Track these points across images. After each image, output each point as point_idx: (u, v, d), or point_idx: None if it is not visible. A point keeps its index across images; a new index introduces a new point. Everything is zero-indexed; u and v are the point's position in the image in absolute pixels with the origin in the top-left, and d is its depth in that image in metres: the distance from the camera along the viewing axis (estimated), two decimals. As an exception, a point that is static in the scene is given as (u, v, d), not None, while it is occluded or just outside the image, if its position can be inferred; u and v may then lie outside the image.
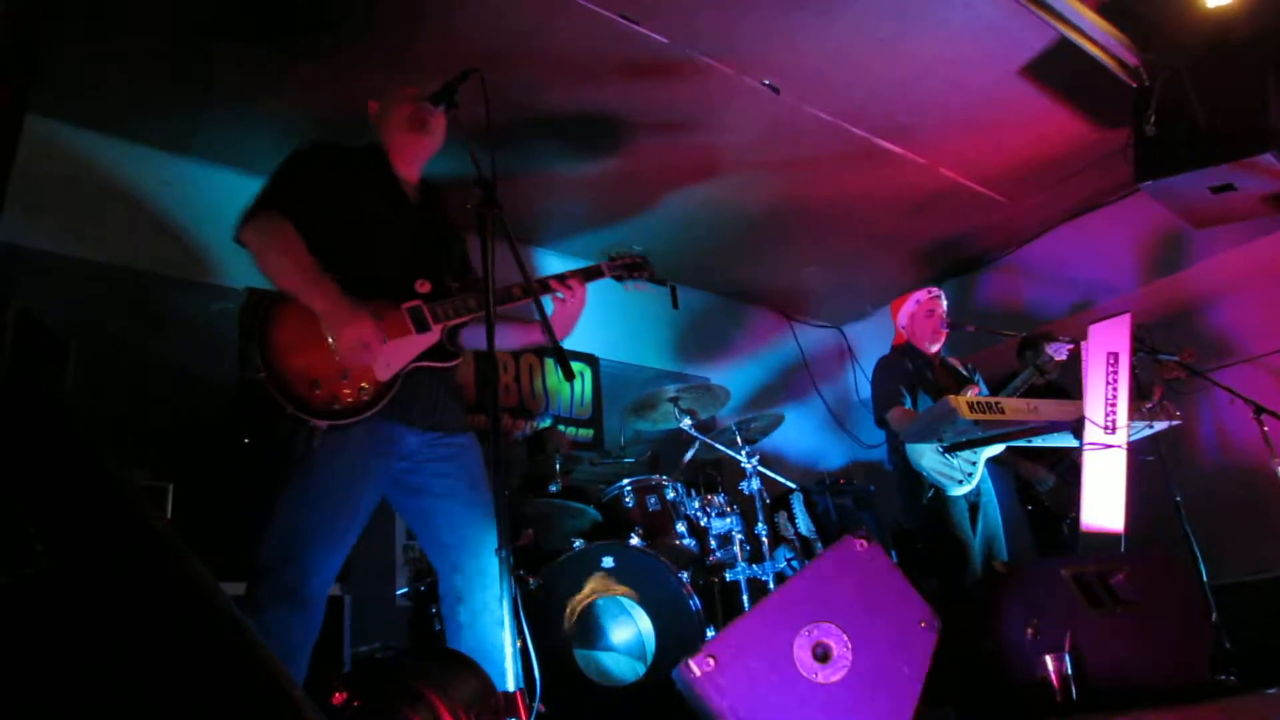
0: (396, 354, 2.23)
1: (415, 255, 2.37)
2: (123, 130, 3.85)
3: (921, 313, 4.31)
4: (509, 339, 2.53)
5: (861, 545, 2.52)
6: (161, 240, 3.89)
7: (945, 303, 4.36)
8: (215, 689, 0.70)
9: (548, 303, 2.45)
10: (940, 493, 3.92)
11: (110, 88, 3.58)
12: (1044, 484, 4.69)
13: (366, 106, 2.57)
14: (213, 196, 3.92)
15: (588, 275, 2.57)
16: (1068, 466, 4.51)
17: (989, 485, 4.11)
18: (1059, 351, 4.11)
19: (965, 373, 4.33)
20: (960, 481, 3.93)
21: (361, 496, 2.18)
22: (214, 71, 3.54)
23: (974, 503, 4.02)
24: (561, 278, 2.50)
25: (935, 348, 4.29)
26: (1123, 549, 3.40)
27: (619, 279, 2.69)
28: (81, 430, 0.74)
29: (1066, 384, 4.38)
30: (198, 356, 3.65)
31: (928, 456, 3.94)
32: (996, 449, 4.03)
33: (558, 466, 3.83)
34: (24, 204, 3.22)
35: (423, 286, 2.31)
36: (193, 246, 3.88)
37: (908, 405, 4.07)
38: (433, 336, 2.30)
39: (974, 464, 3.98)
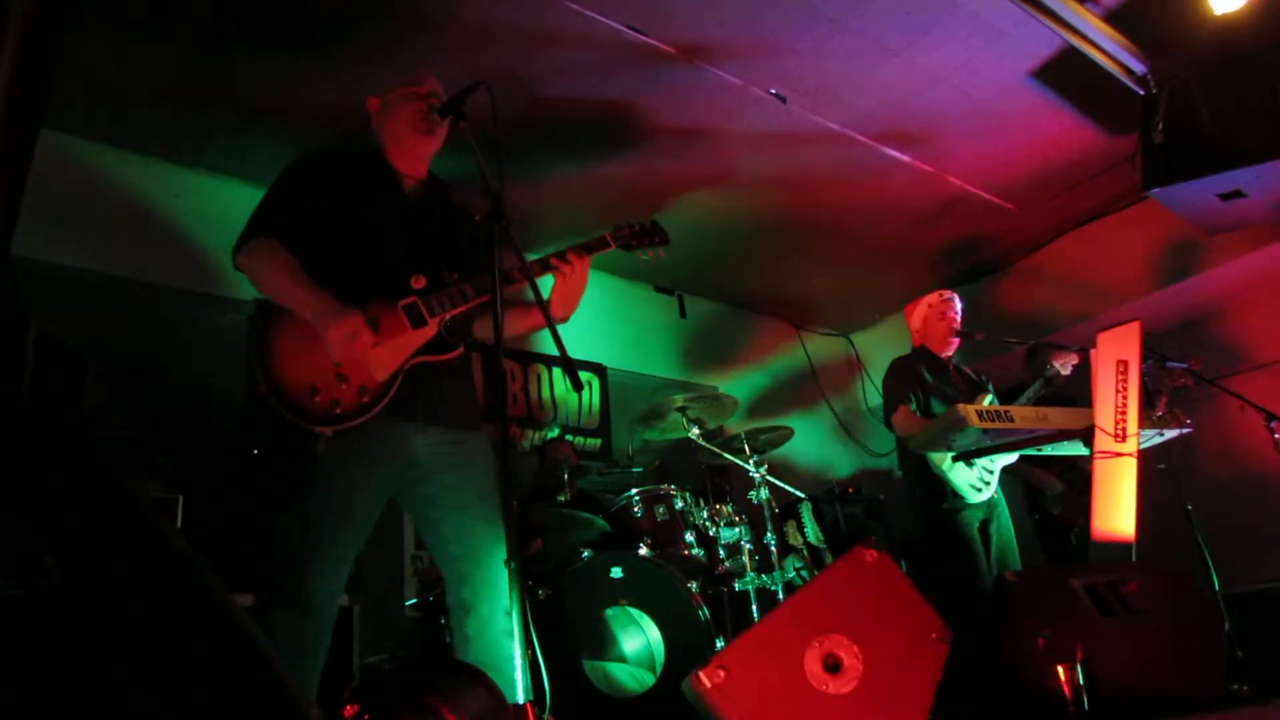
0: (394, 352, 2.23)
1: (411, 252, 2.35)
2: (134, 143, 3.89)
3: (934, 315, 4.29)
4: (512, 324, 2.47)
5: (872, 556, 2.51)
6: (172, 252, 3.92)
7: (959, 306, 4.34)
8: (229, 707, 0.70)
9: (547, 287, 2.42)
10: (955, 501, 3.91)
11: (122, 101, 3.61)
12: (1054, 492, 4.66)
13: (366, 104, 2.54)
14: (223, 209, 3.94)
15: (588, 249, 2.50)
16: (1077, 475, 4.48)
17: (1001, 494, 4.09)
18: (1065, 364, 4.08)
19: (978, 381, 4.32)
20: (979, 490, 3.92)
21: (365, 502, 2.19)
22: (225, 85, 3.56)
23: (987, 513, 4.00)
24: (561, 254, 2.44)
25: (949, 352, 4.28)
26: (1133, 558, 3.38)
27: (629, 248, 2.60)
28: (98, 446, 0.75)
29: (1073, 392, 4.36)
30: (208, 368, 3.68)
31: (948, 464, 3.92)
32: (1010, 457, 4.02)
33: (565, 476, 3.83)
34: (35, 216, 3.24)
35: (418, 282, 2.29)
36: (203, 258, 3.90)
37: (913, 408, 4.06)
38: (430, 330, 2.28)
39: (991, 471, 3.97)
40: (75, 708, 0.74)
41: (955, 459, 3.89)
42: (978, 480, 3.91)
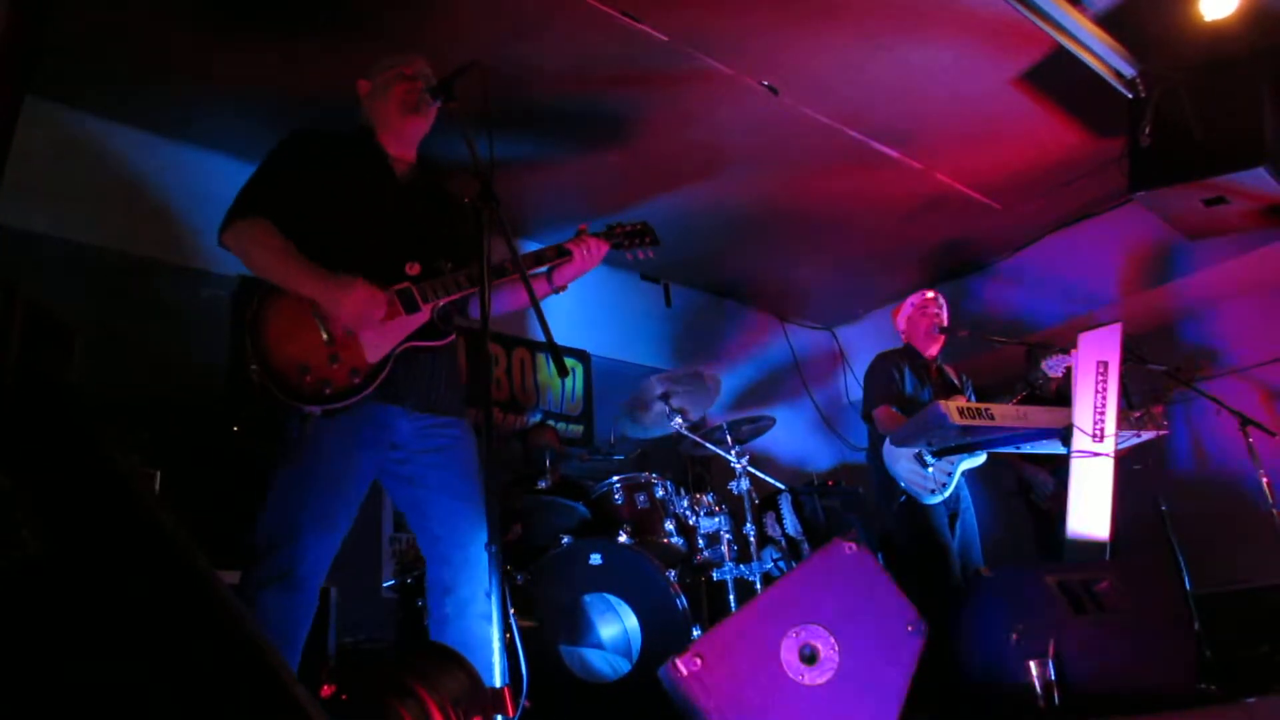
0: (386, 336, 2.23)
1: (404, 237, 2.36)
2: (119, 113, 3.82)
3: (917, 313, 4.35)
4: (505, 302, 2.51)
5: (850, 548, 2.53)
6: (155, 225, 3.86)
7: (943, 305, 4.38)
8: (215, 683, 0.70)
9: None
10: (914, 499, 3.95)
11: (107, 70, 3.55)
12: (1045, 487, 4.71)
13: (356, 87, 2.52)
14: (208, 182, 3.89)
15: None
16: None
17: (966, 493, 4.13)
18: (1055, 369, 4.11)
19: (957, 383, 4.36)
20: (934, 490, 3.94)
21: (352, 480, 2.20)
22: (213, 56, 3.52)
23: (953, 511, 4.04)
24: (578, 237, 2.54)
25: (933, 350, 4.33)
26: (1108, 556, 3.42)
27: (619, 248, 2.66)
28: (87, 419, 0.74)
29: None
30: (188, 342, 3.64)
31: (902, 463, 3.97)
32: (976, 460, 4.05)
33: (548, 462, 3.83)
34: (17, 185, 3.19)
35: (412, 268, 2.30)
36: (186, 232, 3.85)
37: (894, 407, 4.10)
38: (422, 316, 2.29)
39: (949, 474, 3.99)
40: (52, 680, 0.74)
41: (934, 454, 3.92)
42: (931, 481, 3.94)
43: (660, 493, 3.74)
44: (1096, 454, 3.50)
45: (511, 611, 1.87)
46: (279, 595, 2.03)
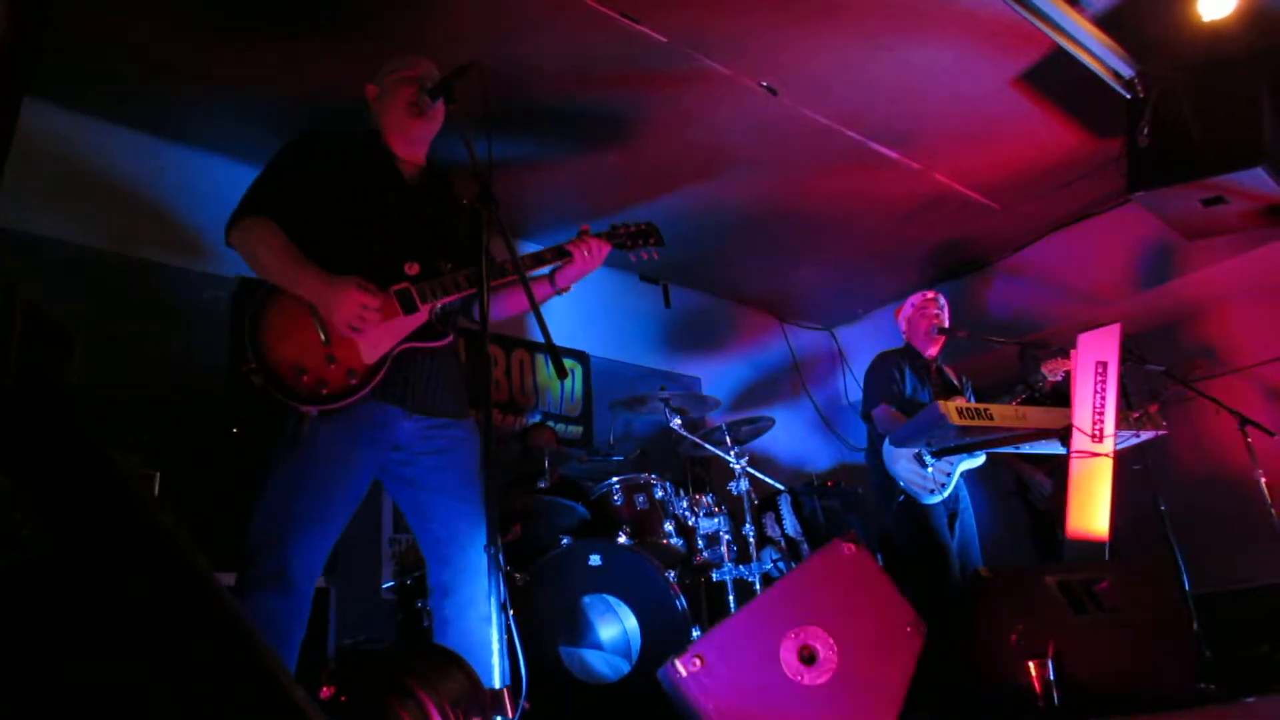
0: (384, 336, 2.23)
1: (406, 238, 2.36)
2: (119, 115, 3.83)
3: (917, 313, 4.36)
4: (507, 306, 2.52)
5: (849, 549, 2.53)
6: (153, 226, 3.87)
7: (944, 306, 4.38)
8: (214, 684, 0.70)
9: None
10: (913, 499, 3.95)
11: (107, 72, 3.55)
12: (1042, 488, 4.71)
13: (364, 94, 2.54)
14: (206, 184, 3.91)
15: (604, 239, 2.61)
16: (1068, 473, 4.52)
17: (965, 493, 4.13)
18: (1055, 373, 4.12)
19: (957, 384, 4.37)
20: (933, 490, 3.95)
21: (349, 482, 2.19)
22: (213, 57, 3.52)
23: (952, 511, 4.04)
24: (579, 238, 2.52)
25: (933, 350, 4.33)
26: (1107, 556, 3.42)
27: (623, 248, 2.64)
28: (87, 420, 0.74)
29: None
30: (188, 343, 3.64)
31: (901, 463, 3.97)
32: (975, 460, 4.05)
33: (547, 463, 3.83)
34: (17, 187, 3.20)
35: (411, 268, 2.29)
36: (185, 233, 3.85)
37: (894, 407, 4.10)
38: (421, 317, 2.29)
39: (948, 474, 4.00)
40: (52, 680, 0.74)
41: (933, 454, 3.93)
42: (930, 481, 3.94)
43: (660, 493, 3.74)
44: (1096, 454, 3.50)
45: (511, 613, 1.86)
46: (272, 598, 2.02)
